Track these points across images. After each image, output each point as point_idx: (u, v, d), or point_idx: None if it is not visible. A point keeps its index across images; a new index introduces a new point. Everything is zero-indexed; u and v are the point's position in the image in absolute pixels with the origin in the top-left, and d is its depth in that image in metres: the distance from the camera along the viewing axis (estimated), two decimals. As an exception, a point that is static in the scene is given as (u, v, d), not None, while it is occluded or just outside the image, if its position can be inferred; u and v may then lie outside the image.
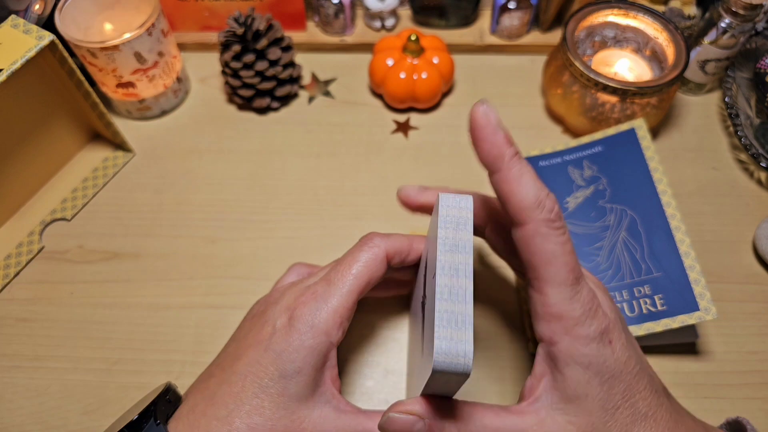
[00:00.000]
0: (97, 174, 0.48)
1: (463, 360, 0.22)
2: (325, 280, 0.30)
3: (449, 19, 0.55)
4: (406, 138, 0.50)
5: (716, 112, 0.51)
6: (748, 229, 0.45)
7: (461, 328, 0.23)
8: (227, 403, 0.28)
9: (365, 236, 0.32)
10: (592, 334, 0.26)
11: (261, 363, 0.29)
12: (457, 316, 0.23)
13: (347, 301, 0.30)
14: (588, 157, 0.44)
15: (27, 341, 0.40)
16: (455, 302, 0.23)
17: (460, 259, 0.24)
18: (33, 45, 0.37)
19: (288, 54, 0.50)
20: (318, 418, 0.29)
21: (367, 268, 0.30)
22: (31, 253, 0.44)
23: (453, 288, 0.24)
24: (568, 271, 0.26)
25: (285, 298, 0.31)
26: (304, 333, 0.29)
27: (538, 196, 0.26)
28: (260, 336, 0.30)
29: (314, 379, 0.29)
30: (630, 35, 0.50)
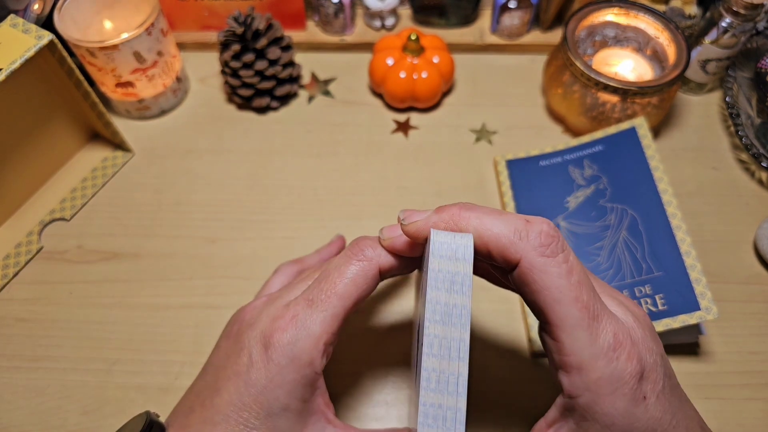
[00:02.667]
0: (96, 174, 0.48)
1: None
2: (306, 300, 0.26)
3: (449, 18, 0.55)
4: (406, 138, 0.50)
5: (717, 112, 0.51)
6: (749, 229, 0.44)
7: (449, 426, 0.19)
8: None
9: (354, 243, 0.27)
10: (622, 389, 0.21)
11: (244, 402, 0.26)
12: (445, 412, 0.19)
13: (331, 326, 0.26)
14: (588, 156, 0.44)
15: (26, 341, 0.40)
16: (444, 393, 0.19)
17: (453, 334, 0.20)
18: (32, 44, 0.37)
19: (288, 53, 0.50)
20: None
21: (356, 286, 0.26)
22: (30, 253, 0.44)
23: (442, 374, 0.19)
24: (580, 309, 0.21)
25: (261, 321, 0.27)
26: (285, 366, 0.25)
27: (515, 225, 0.22)
28: (238, 366, 0.27)
29: (304, 410, 0.26)
30: (631, 35, 0.49)
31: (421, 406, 0.19)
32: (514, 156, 0.46)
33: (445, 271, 0.21)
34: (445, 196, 0.46)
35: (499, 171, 0.45)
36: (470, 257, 0.21)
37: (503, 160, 0.46)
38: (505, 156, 0.46)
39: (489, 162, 0.48)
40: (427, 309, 0.20)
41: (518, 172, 0.45)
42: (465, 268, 0.21)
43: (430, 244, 0.21)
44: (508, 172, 0.45)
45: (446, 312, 0.20)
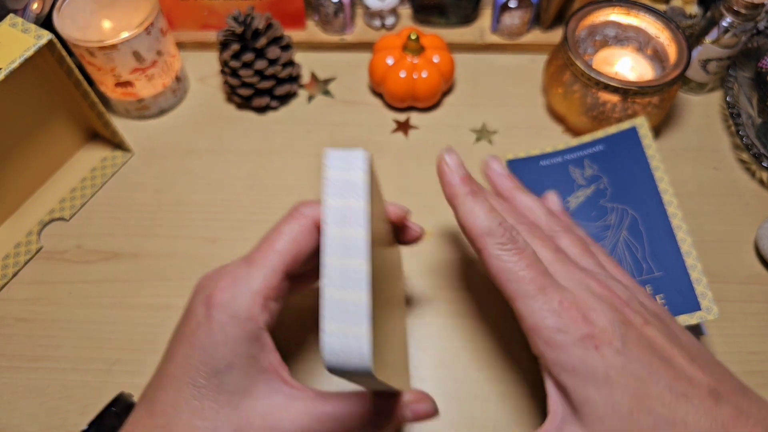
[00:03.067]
0: (95, 174, 0.48)
1: (360, 360, 0.19)
2: (246, 261, 0.28)
3: (449, 17, 0.55)
4: (406, 137, 0.50)
5: (718, 112, 0.51)
6: (750, 229, 0.44)
7: (353, 319, 0.19)
8: (166, 412, 0.26)
9: (294, 206, 0.29)
10: (570, 340, 0.26)
11: (190, 362, 0.27)
12: (347, 305, 0.19)
13: (271, 281, 0.27)
14: (589, 156, 0.44)
15: (26, 341, 0.40)
16: (347, 289, 0.20)
17: (352, 234, 0.20)
18: (31, 44, 0.37)
19: (287, 53, 0.50)
20: (266, 408, 0.27)
21: (294, 242, 0.28)
22: (30, 253, 0.44)
23: (343, 270, 0.20)
24: (527, 283, 0.27)
25: (208, 283, 0.28)
26: (226, 323, 0.26)
27: (489, 224, 0.28)
28: (186, 330, 0.28)
29: (252, 368, 0.27)
30: (631, 34, 0.49)
31: (325, 301, 0.20)
32: (515, 156, 0.46)
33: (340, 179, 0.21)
34: (445, 196, 0.46)
35: None
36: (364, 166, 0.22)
37: (504, 160, 0.46)
38: (506, 156, 0.46)
39: (489, 162, 0.48)
40: (325, 216, 0.21)
41: (519, 172, 0.45)
42: (360, 177, 0.22)
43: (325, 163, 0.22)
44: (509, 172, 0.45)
45: (343, 216, 0.21)
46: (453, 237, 0.44)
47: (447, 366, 0.39)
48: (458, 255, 0.44)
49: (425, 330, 0.40)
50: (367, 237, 0.20)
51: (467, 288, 0.42)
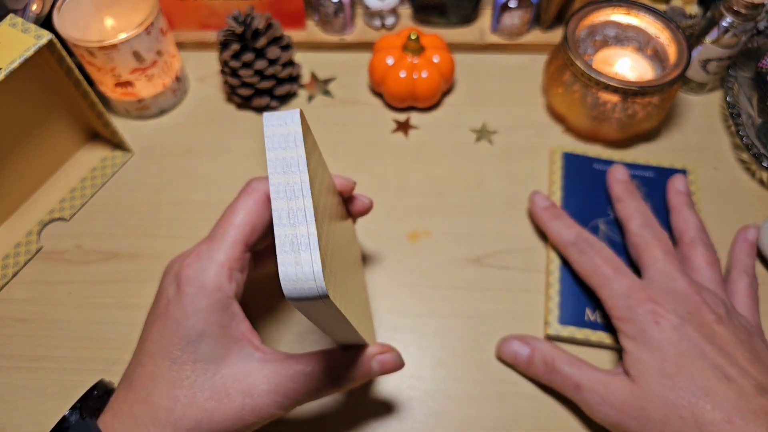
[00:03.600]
0: (95, 174, 0.48)
1: (313, 282, 0.20)
2: (208, 238, 0.30)
3: (449, 17, 0.55)
4: (406, 137, 0.50)
5: (718, 112, 0.51)
6: (750, 229, 0.44)
7: (304, 249, 0.21)
8: (145, 385, 0.28)
9: (246, 183, 0.31)
10: (635, 315, 0.34)
11: (165, 337, 0.28)
12: (298, 239, 0.21)
13: (233, 253, 0.29)
14: (640, 178, 0.46)
15: (25, 342, 0.40)
16: (294, 225, 0.22)
17: (293, 179, 0.23)
18: (31, 44, 0.37)
19: (287, 53, 0.50)
20: (241, 374, 0.28)
21: (249, 215, 0.30)
22: (30, 253, 0.44)
23: (290, 211, 0.22)
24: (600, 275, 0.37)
25: (174, 266, 0.30)
26: (195, 295, 0.28)
27: (569, 238, 0.40)
28: (158, 310, 0.29)
29: (224, 337, 0.28)
30: (631, 34, 0.49)
31: (277, 239, 0.21)
32: (572, 150, 0.47)
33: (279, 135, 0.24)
34: (446, 196, 0.46)
35: (554, 160, 0.47)
36: (298, 121, 0.24)
37: (560, 150, 0.47)
38: (563, 147, 0.47)
39: (489, 162, 0.48)
40: (269, 167, 0.23)
41: (572, 166, 0.46)
42: (295, 130, 0.24)
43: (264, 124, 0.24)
44: (563, 163, 0.46)
45: (285, 164, 0.23)
46: (453, 237, 0.44)
47: (447, 366, 0.39)
48: (458, 255, 0.44)
49: (425, 330, 0.40)
50: (307, 179, 0.23)
51: (467, 288, 0.42)
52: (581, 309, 0.40)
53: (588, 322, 0.39)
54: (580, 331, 0.39)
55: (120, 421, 0.28)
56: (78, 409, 0.30)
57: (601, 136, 0.48)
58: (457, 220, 0.45)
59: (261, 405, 0.28)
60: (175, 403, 0.27)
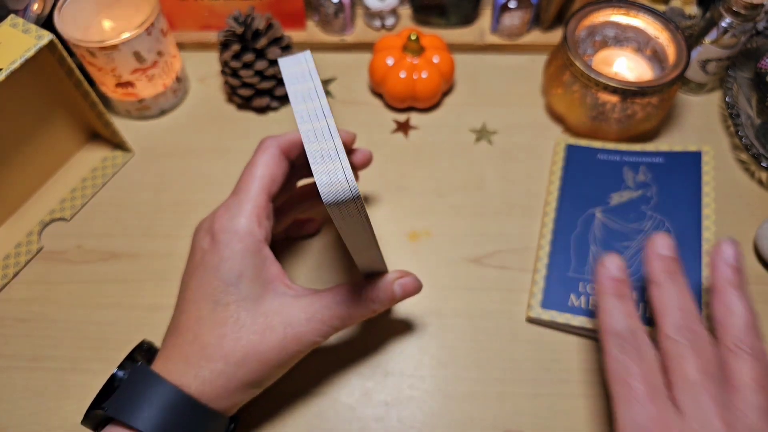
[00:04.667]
0: (96, 174, 0.48)
1: (347, 184, 0.23)
2: (233, 193, 0.33)
3: (449, 18, 0.55)
4: (406, 138, 0.50)
5: (717, 112, 0.51)
6: (749, 230, 0.44)
7: (334, 158, 0.24)
8: (191, 328, 0.30)
9: (259, 143, 0.35)
10: None
11: (205, 283, 0.30)
12: (327, 151, 0.24)
13: (259, 201, 0.32)
14: (647, 164, 0.45)
15: (26, 342, 0.40)
16: (321, 141, 0.24)
17: (314, 105, 0.26)
18: (32, 44, 0.37)
19: (287, 53, 0.50)
20: (280, 307, 0.31)
21: (267, 167, 0.33)
22: (30, 253, 0.44)
23: (316, 131, 0.25)
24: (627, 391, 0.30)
25: (205, 222, 0.33)
26: (230, 241, 0.31)
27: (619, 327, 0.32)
28: (194, 262, 0.32)
29: (260, 277, 0.31)
30: (631, 35, 0.49)
31: (309, 155, 0.24)
32: (576, 142, 0.47)
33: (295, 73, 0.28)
34: (446, 196, 0.46)
35: (556, 151, 0.47)
36: (310, 59, 0.28)
37: (564, 142, 0.47)
38: (567, 140, 0.47)
39: (489, 162, 0.48)
40: (291, 100, 0.26)
41: (575, 157, 0.46)
42: (309, 66, 0.28)
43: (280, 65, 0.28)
44: (565, 154, 0.46)
45: (305, 95, 0.27)
46: (453, 237, 0.44)
47: (447, 366, 0.39)
48: (458, 255, 0.44)
49: (425, 330, 0.40)
50: (327, 103, 0.26)
51: (467, 288, 0.42)
52: (566, 294, 0.40)
53: (571, 308, 0.39)
54: (561, 316, 0.39)
55: (173, 363, 0.30)
56: (130, 359, 0.31)
57: (601, 136, 0.48)
58: (457, 220, 0.45)
59: (302, 332, 0.31)
60: (222, 339, 0.29)
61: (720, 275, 0.32)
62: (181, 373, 0.30)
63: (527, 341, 0.40)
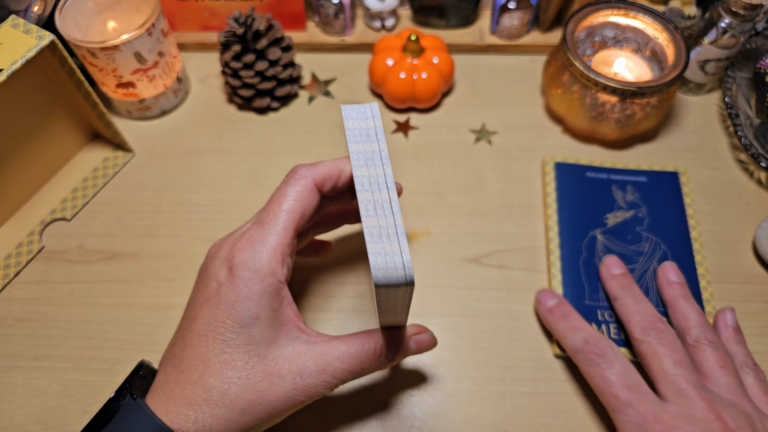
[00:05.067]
0: (97, 174, 0.48)
1: (403, 271, 0.22)
2: (258, 223, 0.30)
3: (449, 19, 0.55)
4: (406, 138, 0.50)
5: (716, 112, 0.51)
6: (748, 229, 0.45)
7: (392, 240, 0.22)
8: (196, 366, 0.28)
9: (290, 171, 0.31)
10: None
11: (217, 319, 0.28)
12: (386, 230, 0.22)
13: (284, 238, 0.29)
14: (632, 183, 0.46)
15: (27, 341, 0.40)
16: (381, 216, 0.23)
17: (377, 172, 0.24)
18: (33, 45, 0.37)
19: (288, 54, 0.50)
20: (292, 355, 0.29)
21: (298, 201, 0.30)
22: (31, 253, 0.44)
23: (376, 203, 0.23)
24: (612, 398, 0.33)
25: (223, 249, 0.30)
26: (249, 279, 0.28)
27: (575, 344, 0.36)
28: (208, 293, 0.29)
29: (275, 320, 0.29)
30: (630, 35, 0.49)
31: (366, 230, 0.22)
32: (564, 160, 0.47)
33: (359, 128, 0.25)
34: (445, 196, 0.47)
35: (546, 172, 0.46)
36: (378, 114, 0.26)
37: (552, 161, 0.47)
38: (555, 158, 0.47)
39: (488, 162, 0.48)
40: (352, 160, 0.24)
41: (565, 176, 0.46)
42: (375, 123, 0.25)
43: (343, 115, 0.26)
44: (555, 174, 0.46)
45: (368, 158, 0.24)
46: (453, 237, 0.45)
47: (447, 366, 0.39)
48: (458, 255, 0.44)
49: (425, 329, 0.41)
50: (391, 172, 0.24)
51: (467, 288, 0.42)
52: (592, 314, 0.39)
53: (601, 321, 0.39)
54: None
55: (173, 402, 0.28)
56: (127, 390, 0.30)
57: (600, 136, 0.48)
58: (457, 220, 0.45)
59: (311, 384, 0.29)
60: (228, 384, 0.28)
61: (668, 292, 0.39)
62: (181, 415, 0.28)
63: (527, 340, 0.40)
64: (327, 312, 0.41)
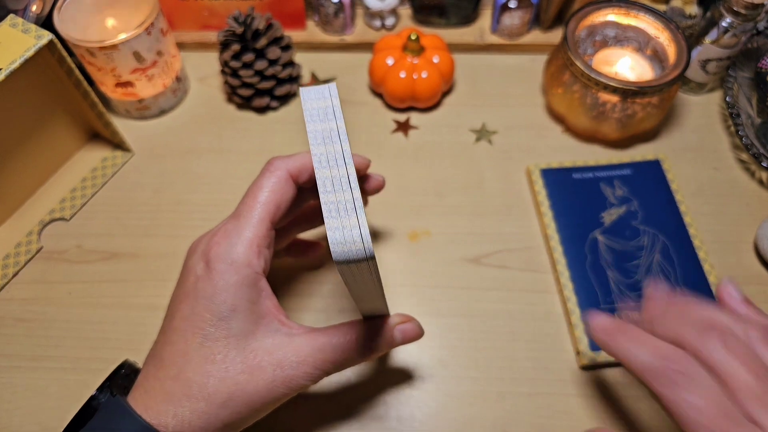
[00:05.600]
0: (95, 174, 0.48)
1: (362, 244, 0.22)
2: (234, 216, 0.30)
3: (449, 18, 0.55)
4: (406, 137, 0.50)
5: (717, 112, 0.51)
6: (749, 229, 0.44)
7: (350, 214, 0.22)
8: (176, 361, 0.28)
9: (266, 163, 0.32)
10: None
11: (195, 313, 0.28)
12: (344, 204, 0.22)
13: (260, 230, 0.30)
14: (618, 178, 0.45)
15: (26, 341, 0.40)
16: (339, 191, 0.22)
17: (334, 149, 0.24)
18: (32, 44, 0.37)
19: (287, 53, 0.50)
20: (271, 347, 0.29)
21: (273, 192, 0.30)
22: (30, 253, 0.44)
23: (334, 179, 0.23)
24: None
25: (201, 244, 0.31)
26: (225, 271, 0.28)
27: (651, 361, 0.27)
28: (186, 288, 0.29)
29: (253, 312, 0.29)
30: (631, 34, 0.49)
31: (324, 206, 0.22)
32: (548, 165, 0.46)
33: (317, 108, 0.25)
34: (446, 196, 0.46)
35: (533, 180, 0.46)
36: (335, 93, 0.26)
37: (537, 169, 0.46)
38: (539, 165, 0.46)
39: (489, 162, 0.48)
40: (309, 139, 0.24)
41: (553, 182, 0.46)
42: (333, 102, 0.25)
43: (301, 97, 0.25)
44: (543, 181, 0.45)
45: (325, 135, 0.24)
46: (452, 237, 0.44)
47: (447, 366, 0.39)
48: (457, 255, 0.44)
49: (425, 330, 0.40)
50: (348, 148, 0.24)
51: (467, 288, 0.42)
52: None
53: None
54: None
55: (152, 398, 0.28)
56: (107, 387, 0.30)
57: (601, 136, 0.48)
58: (457, 220, 0.45)
59: (291, 376, 0.29)
60: (207, 377, 0.28)
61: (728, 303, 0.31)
62: (160, 411, 0.27)
63: (527, 341, 0.40)
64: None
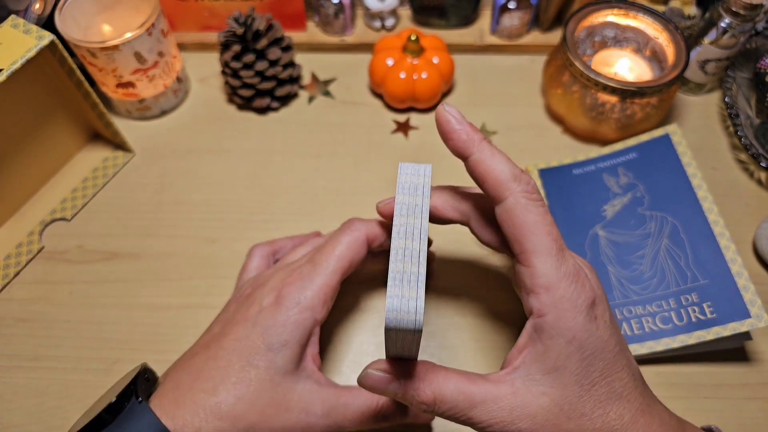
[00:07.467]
0: (96, 174, 0.48)
1: (414, 316, 0.23)
2: (311, 261, 0.32)
3: (449, 18, 0.55)
4: (406, 138, 0.50)
5: (716, 112, 0.51)
6: (748, 229, 0.44)
7: (412, 286, 0.23)
8: (213, 377, 0.29)
9: (346, 221, 0.34)
10: (579, 307, 0.25)
11: (249, 338, 0.30)
12: (409, 276, 0.24)
13: (331, 281, 0.32)
14: (623, 164, 0.43)
15: (26, 341, 0.40)
16: (407, 263, 0.24)
17: (414, 223, 0.25)
18: (33, 45, 0.37)
19: (288, 54, 0.50)
20: (302, 391, 0.30)
21: (350, 250, 0.32)
22: (31, 253, 0.44)
23: (406, 250, 0.24)
24: (551, 240, 0.26)
25: (272, 280, 0.32)
26: (290, 309, 0.30)
27: (513, 171, 0.27)
28: (247, 314, 0.31)
29: (298, 354, 0.30)
30: (630, 35, 0.49)
31: (390, 273, 0.24)
32: (547, 165, 0.45)
33: (410, 183, 0.27)
34: (445, 196, 0.47)
35: None
36: (429, 174, 0.28)
37: (535, 169, 0.45)
38: (538, 165, 0.45)
39: (489, 162, 0.48)
40: (396, 209, 0.26)
41: (552, 181, 0.44)
42: (425, 181, 0.27)
43: (399, 170, 0.28)
44: (542, 182, 0.44)
45: (410, 209, 0.26)
46: (453, 237, 0.44)
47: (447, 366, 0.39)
48: (458, 255, 0.44)
49: (425, 330, 0.41)
50: (426, 226, 0.25)
51: (467, 287, 0.42)
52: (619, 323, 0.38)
53: (630, 337, 0.37)
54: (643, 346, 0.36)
55: (181, 408, 0.28)
56: (132, 391, 0.29)
57: (600, 136, 0.48)
58: (457, 220, 0.45)
59: (313, 424, 0.30)
60: (239, 401, 0.29)
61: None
62: (186, 422, 0.28)
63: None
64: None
